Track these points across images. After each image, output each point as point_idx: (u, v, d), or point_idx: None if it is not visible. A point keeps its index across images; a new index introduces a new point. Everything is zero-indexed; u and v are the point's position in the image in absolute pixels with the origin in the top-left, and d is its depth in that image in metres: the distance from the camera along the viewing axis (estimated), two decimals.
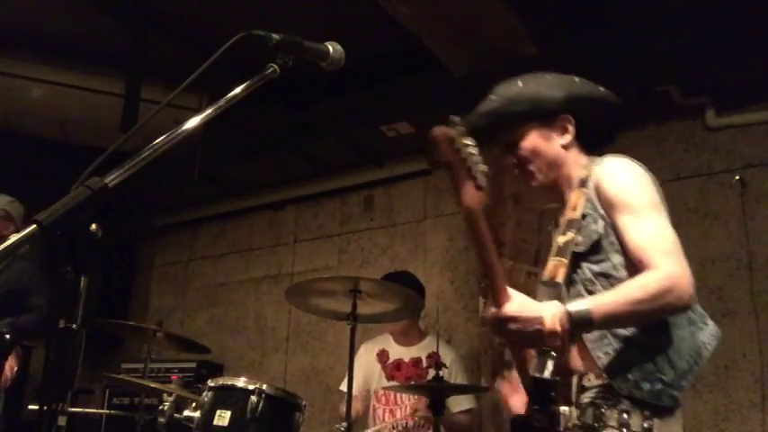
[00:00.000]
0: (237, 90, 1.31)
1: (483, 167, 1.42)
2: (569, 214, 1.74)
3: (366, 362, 3.61)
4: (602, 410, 1.60)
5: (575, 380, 1.60)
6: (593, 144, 1.92)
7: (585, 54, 3.63)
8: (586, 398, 1.65)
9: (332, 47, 1.49)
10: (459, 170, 1.40)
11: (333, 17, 3.71)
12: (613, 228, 1.69)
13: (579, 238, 1.70)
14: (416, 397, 3.41)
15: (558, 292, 1.60)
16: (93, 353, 5.10)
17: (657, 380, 1.58)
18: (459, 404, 3.42)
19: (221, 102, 1.28)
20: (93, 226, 1.06)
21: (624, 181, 1.72)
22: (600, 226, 1.70)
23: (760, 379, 3.40)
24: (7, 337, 3.39)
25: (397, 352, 3.61)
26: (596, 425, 1.59)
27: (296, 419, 2.65)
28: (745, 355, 3.45)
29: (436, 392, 2.97)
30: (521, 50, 3.69)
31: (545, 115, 1.85)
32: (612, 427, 1.57)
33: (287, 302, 3.16)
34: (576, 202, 1.75)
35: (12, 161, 4.53)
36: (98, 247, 1.06)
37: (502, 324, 1.51)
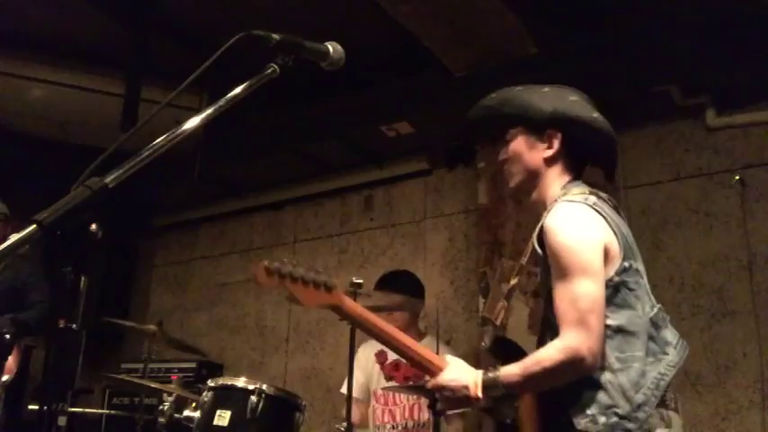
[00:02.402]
0: (237, 90, 1.30)
1: (314, 272, 1.67)
2: (522, 258, 1.88)
3: (365, 364, 3.60)
4: None
5: None
6: (605, 173, 1.94)
7: (585, 54, 3.63)
8: None
9: (332, 47, 1.49)
10: (290, 286, 1.64)
11: (333, 17, 3.71)
12: None
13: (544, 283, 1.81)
14: (416, 397, 3.41)
15: (496, 333, 1.81)
16: (93, 353, 5.10)
17: (613, 413, 1.63)
18: None
19: (221, 102, 1.28)
20: (93, 226, 1.06)
21: (560, 240, 1.72)
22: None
23: (760, 379, 3.40)
24: (7, 337, 3.39)
25: None
26: None
27: (296, 419, 2.65)
28: (745, 355, 3.45)
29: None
30: (521, 50, 3.69)
31: (533, 124, 1.88)
32: None
33: (287, 302, 3.16)
34: (529, 249, 1.85)
35: (12, 161, 4.53)
36: (98, 247, 1.06)
37: (438, 391, 1.79)
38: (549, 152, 1.87)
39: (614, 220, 1.79)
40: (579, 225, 1.73)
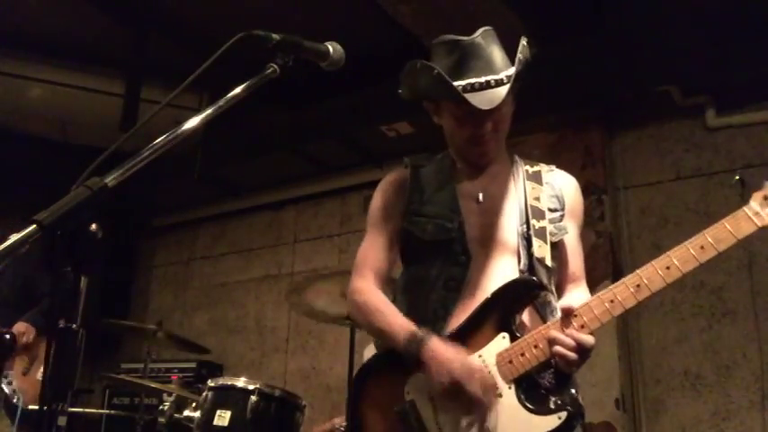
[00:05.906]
0: (237, 90, 1.31)
1: None
2: (533, 202, 1.83)
3: None
4: None
5: None
6: None
7: (585, 54, 3.63)
8: None
9: (332, 47, 1.49)
10: None
11: (333, 17, 3.71)
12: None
13: (554, 229, 1.81)
14: None
15: (550, 275, 1.78)
16: (93, 353, 5.10)
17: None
18: None
19: (221, 102, 1.28)
20: (93, 226, 1.06)
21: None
22: (568, 227, 1.84)
23: (760, 379, 3.40)
24: (7, 337, 3.39)
25: None
26: None
27: (296, 419, 2.66)
28: (745, 355, 3.45)
29: None
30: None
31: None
32: None
33: (287, 302, 3.16)
34: (539, 194, 1.85)
35: (12, 161, 4.53)
36: (98, 247, 1.06)
37: (581, 349, 1.63)
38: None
39: None
40: None
